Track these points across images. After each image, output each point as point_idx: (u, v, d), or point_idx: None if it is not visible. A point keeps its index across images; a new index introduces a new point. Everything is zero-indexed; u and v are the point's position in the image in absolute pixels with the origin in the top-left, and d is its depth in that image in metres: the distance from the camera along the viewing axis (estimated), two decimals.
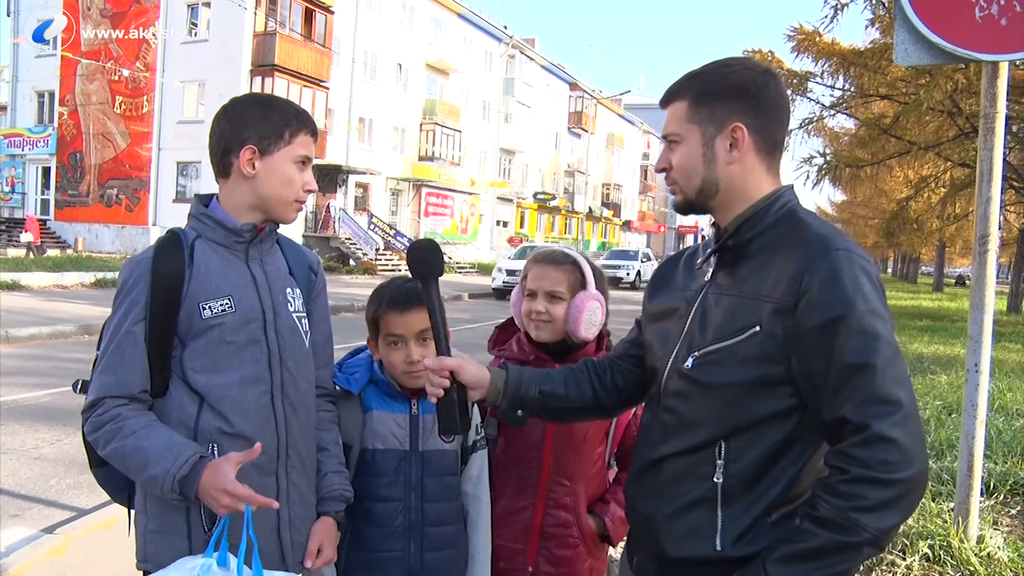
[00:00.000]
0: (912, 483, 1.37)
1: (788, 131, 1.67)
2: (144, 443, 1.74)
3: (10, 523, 4.68)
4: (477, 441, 2.27)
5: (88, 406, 1.80)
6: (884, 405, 1.38)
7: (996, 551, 3.69)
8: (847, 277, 1.43)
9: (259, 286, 1.92)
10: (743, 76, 1.60)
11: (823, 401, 1.43)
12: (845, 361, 1.40)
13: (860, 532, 1.36)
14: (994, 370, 8.69)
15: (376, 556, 2.12)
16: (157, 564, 1.83)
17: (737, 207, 1.61)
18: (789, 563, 1.42)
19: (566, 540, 2.29)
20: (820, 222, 1.58)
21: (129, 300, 1.81)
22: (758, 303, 1.50)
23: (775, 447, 1.51)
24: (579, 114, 54.48)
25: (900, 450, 1.36)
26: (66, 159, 32.39)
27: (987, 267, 3.77)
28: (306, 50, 30.03)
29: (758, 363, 1.49)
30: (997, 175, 3.71)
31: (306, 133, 1.90)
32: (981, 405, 3.81)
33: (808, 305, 1.43)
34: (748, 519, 1.52)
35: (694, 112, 1.61)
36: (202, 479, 1.71)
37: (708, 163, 1.61)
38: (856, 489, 1.37)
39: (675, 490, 1.60)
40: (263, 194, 1.89)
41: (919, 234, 26.50)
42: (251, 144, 1.86)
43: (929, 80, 10.93)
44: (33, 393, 8.04)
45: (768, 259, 1.54)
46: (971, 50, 3.63)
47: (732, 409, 1.53)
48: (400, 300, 2.13)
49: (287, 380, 1.94)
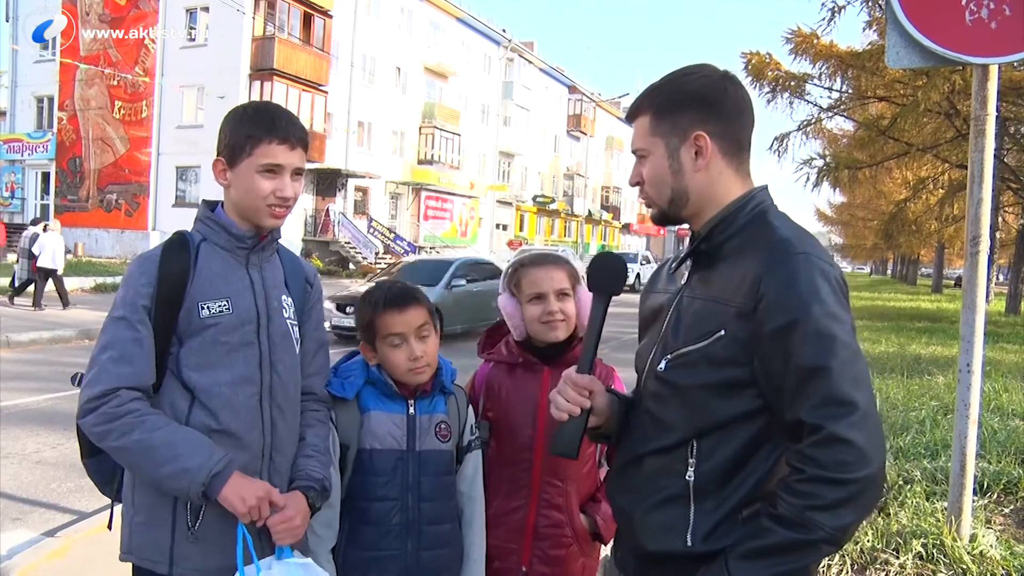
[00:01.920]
0: (867, 483, 1.40)
1: (753, 132, 1.67)
2: (174, 437, 1.80)
3: (12, 526, 4.71)
4: (472, 441, 2.31)
5: (99, 395, 1.80)
6: (840, 407, 1.40)
7: (989, 549, 3.71)
8: (803, 281, 1.45)
9: (256, 291, 1.99)
10: (701, 84, 1.62)
11: (783, 403, 1.46)
12: (801, 364, 1.42)
13: (816, 530, 1.39)
14: (991, 371, 8.72)
15: (373, 555, 2.15)
16: (141, 556, 1.90)
17: (709, 212, 1.64)
18: (749, 559, 1.45)
19: (559, 540, 2.33)
20: (787, 225, 1.59)
21: (136, 295, 1.86)
22: (723, 307, 1.53)
23: (745, 447, 1.54)
24: (578, 117, 54.57)
25: (856, 451, 1.38)
26: (65, 164, 32.42)
27: (978, 268, 3.80)
28: (305, 54, 30.07)
29: (725, 366, 1.52)
30: (988, 177, 3.75)
31: (270, 142, 1.91)
32: (973, 405, 3.84)
33: (765, 309, 1.46)
34: (718, 516, 1.55)
35: (656, 125, 1.64)
36: (231, 481, 1.81)
37: (676, 174, 1.63)
38: (812, 488, 1.39)
39: (651, 486, 1.64)
40: (237, 203, 1.97)
41: (918, 235, 26.52)
42: (221, 156, 1.96)
43: (926, 82, 10.97)
44: (34, 397, 8.07)
45: (735, 263, 1.56)
46: (961, 53, 3.66)
47: (702, 410, 1.55)
48: (398, 299, 2.18)
49: (276, 383, 1.99)
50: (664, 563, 1.63)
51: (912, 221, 22.19)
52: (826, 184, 14.74)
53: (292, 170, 1.96)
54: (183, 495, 1.83)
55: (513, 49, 45.38)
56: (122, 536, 1.96)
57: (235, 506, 1.81)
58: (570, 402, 1.68)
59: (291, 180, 1.96)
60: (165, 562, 1.88)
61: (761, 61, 13.35)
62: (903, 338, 14.09)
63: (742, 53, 13.60)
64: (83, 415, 1.83)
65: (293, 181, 1.97)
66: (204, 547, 1.88)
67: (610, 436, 1.81)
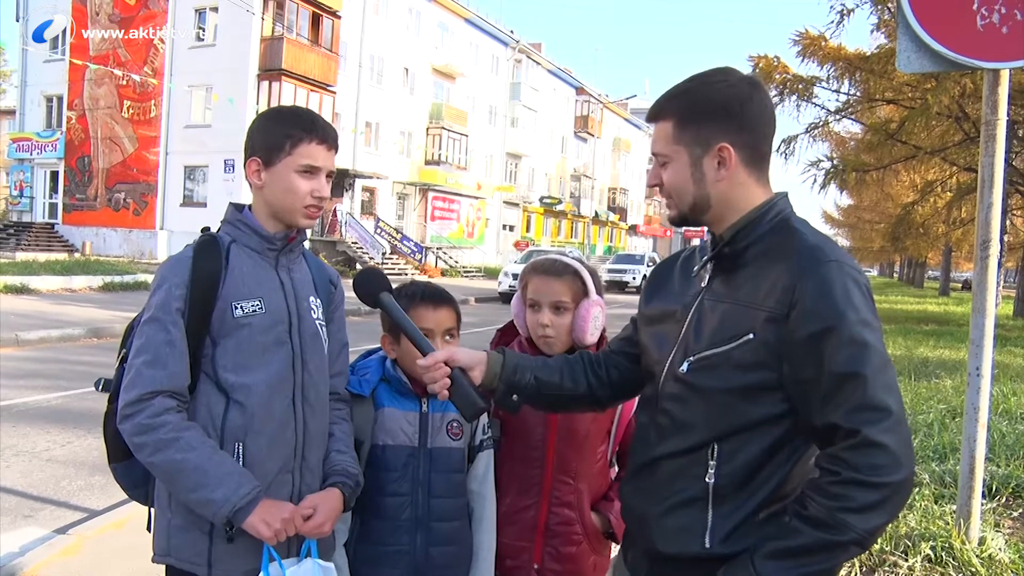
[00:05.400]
0: (899, 486, 1.43)
1: (774, 138, 1.70)
2: (206, 464, 1.82)
3: (24, 523, 4.74)
4: (484, 440, 2.33)
5: (134, 400, 1.82)
6: (874, 412, 1.42)
7: (997, 553, 3.72)
8: (838, 288, 1.47)
9: (286, 291, 2.01)
10: (726, 94, 1.62)
11: (814, 407, 1.48)
12: (836, 370, 1.44)
13: (847, 532, 1.41)
14: (999, 375, 8.70)
15: (383, 550, 2.18)
16: (179, 558, 1.92)
17: (730, 218, 1.65)
18: (777, 559, 1.47)
19: (570, 537, 2.34)
20: (813, 232, 1.61)
21: (169, 296, 1.87)
22: (752, 311, 1.54)
23: (766, 450, 1.56)
24: (585, 118, 54.50)
25: (889, 455, 1.41)
26: (74, 163, 32.54)
27: (988, 272, 3.80)
28: (313, 55, 30.11)
29: (751, 369, 1.54)
30: (999, 181, 3.75)
31: (309, 142, 1.95)
32: (983, 408, 3.84)
33: (800, 315, 1.48)
34: (737, 518, 1.57)
35: (680, 134, 1.64)
36: (257, 509, 1.84)
37: (698, 182, 1.64)
38: (845, 491, 1.42)
39: (668, 489, 1.65)
40: (272, 202, 1.98)
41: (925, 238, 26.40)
42: (256, 156, 1.96)
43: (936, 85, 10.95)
44: (44, 396, 8.10)
45: (762, 268, 1.57)
46: (973, 58, 3.67)
47: (725, 413, 1.57)
48: (434, 296, 2.24)
49: (308, 382, 2.02)
50: (679, 565, 1.64)
51: (919, 224, 22.11)
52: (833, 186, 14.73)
53: (327, 172, 2.00)
54: (209, 519, 1.86)
55: (521, 50, 45.37)
56: (156, 538, 1.98)
57: (260, 532, 1.85)
58: (437, 381, 1.84)
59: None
60: (203, 564, 1.91)
61: (769, 64, 13.33)
62: (911, 341, 14.07)
63: (749, 56, 13.61)
64: (120, 420, 1.85)
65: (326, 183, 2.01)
66: (241, 548, 1.91)
67: (494, 388, 1.90)
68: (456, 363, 1.85)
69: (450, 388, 1.84)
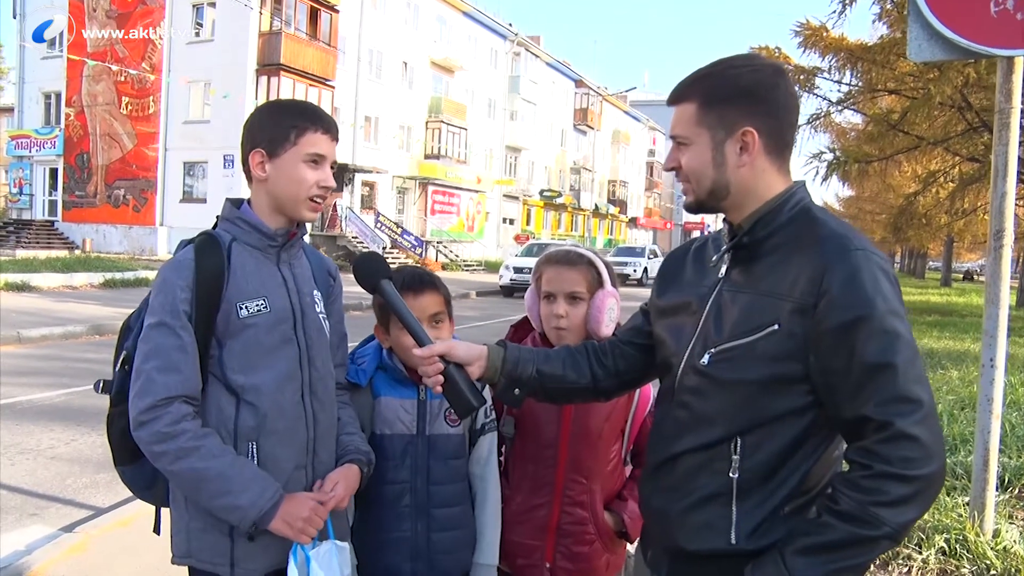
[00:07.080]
0: (931, 479, 1.40)
1: (797, 126, 1.66)
2: (229, 471, 1.81)
3: (29, 522, 4.72)
4: (486, 424, 2.32)
5: (149, 407, 1.78)
6: (906, 404, 1.40)
7: (1012, 545, 3.70)
8: (867, 277, 1.44)
9: (289, 288, 1.98)
10: (753, 79, 1.59)
11: (843, 399, 1.45)
12: (867, 361, 1.41)
13: (880, 526, 1.39)
14: (1007, 365, 8.67)
15: (385, 537, 2.18)
16: (201, 559, 1.90)
17: (749, 207, 1.62)
18: (808, 554, 1.44)
19: (583, 537, 2.32)
20: (835, 221, 1.58)
21: (175, 300, 1.83)
22: (776, 302, 1.51)
23: (790, 443, 1.53)
24: (585, 111, 54.45)
25: (921, 447, 1.38)
26: (73, 160, 32.50)
27: (1002, 262, 3.77)
28: (311, 49, 30.05)
29: (776, 361, 1.50)
30: (1012, 171, 3.71)
31: (315, 131, 1.92)
32: (996, 399, 3.81)
33: (828, 305, 1.44)
34: (762, 513, 1.54)
35: (703, 116, 1.60)
36: (281, 510, 1.83)
37: (718, 167, 1.61)
38: (878, 484, 1.39)
39: (690, 485, 1.62)
40: (276, 195, 1.94)
41: (927, 229, 26.34)
42: (260, 148, 1.92)
43: (939, 75, 10.90)
44: (47, 393, 8.08)
45: (785, 258, 1.54)
46: (986, 45, 3.62)
47: (748, 406, 1.54)
48: (414, 283, 2.20)
49: (315, 378, 2.00)
50: (704, 562, 1.61)
51: (921, 215, 22.08)
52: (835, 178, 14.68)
53: (330, 162, 1.97)
54: (233, 524, 1.85)
55: (520, 43, 45.28)
56: (175, 541, 1.95)
57: (284, 532, 1.85)
58: (429, 375, 1.81)
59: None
60: (226, 564, 1.90)
61: (770, 55, 13.26)
62: (915, 332, 13.83)
63: (751, 48, 13.53)
64: (136, 428, 1.80)
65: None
66: (261, 547, 1.89)
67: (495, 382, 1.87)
68: (454, 358, 1.82)
69: (444, 384, 1.82)
